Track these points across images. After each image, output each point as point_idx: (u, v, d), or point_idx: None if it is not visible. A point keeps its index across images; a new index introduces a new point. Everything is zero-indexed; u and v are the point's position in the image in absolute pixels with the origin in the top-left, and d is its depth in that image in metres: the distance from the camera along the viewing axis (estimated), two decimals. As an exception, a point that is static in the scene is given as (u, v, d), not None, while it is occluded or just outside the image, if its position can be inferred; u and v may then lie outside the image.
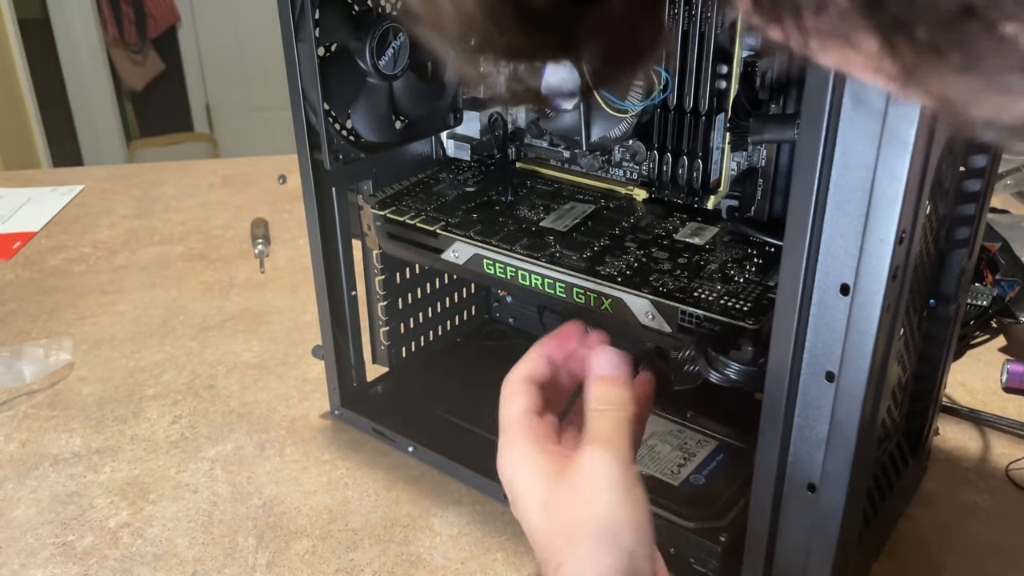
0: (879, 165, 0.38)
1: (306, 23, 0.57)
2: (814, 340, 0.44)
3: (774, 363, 0.45)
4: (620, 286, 0.55)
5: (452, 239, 0.63)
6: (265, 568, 0.62)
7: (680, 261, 0.57)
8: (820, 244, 0.42)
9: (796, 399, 0.46)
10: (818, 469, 0.46)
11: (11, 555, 0.64)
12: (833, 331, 0.43)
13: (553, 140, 0.70)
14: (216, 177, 1.38)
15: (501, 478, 0.44)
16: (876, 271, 0.40)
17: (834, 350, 0.43)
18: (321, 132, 0.61)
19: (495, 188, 0.70)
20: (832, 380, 0.44)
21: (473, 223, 0.64)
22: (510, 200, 0.67)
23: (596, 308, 0.56)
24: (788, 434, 0.47)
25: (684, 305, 0.52)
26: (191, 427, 0.78)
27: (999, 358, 0.82)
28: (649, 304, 0.54)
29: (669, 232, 0.61)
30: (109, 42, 2.95)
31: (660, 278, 0.55)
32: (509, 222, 0.64)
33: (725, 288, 0.54)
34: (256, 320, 0.96)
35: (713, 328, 0.51)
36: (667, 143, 0.62)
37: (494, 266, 0.61)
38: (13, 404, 0.82)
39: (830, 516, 0.47)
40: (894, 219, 0.39)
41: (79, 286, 1.04)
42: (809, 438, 0.46)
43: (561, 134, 0.67)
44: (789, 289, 0.43)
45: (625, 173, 0.68)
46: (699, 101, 0.59)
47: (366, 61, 0.60)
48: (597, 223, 0.63)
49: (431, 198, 0.69)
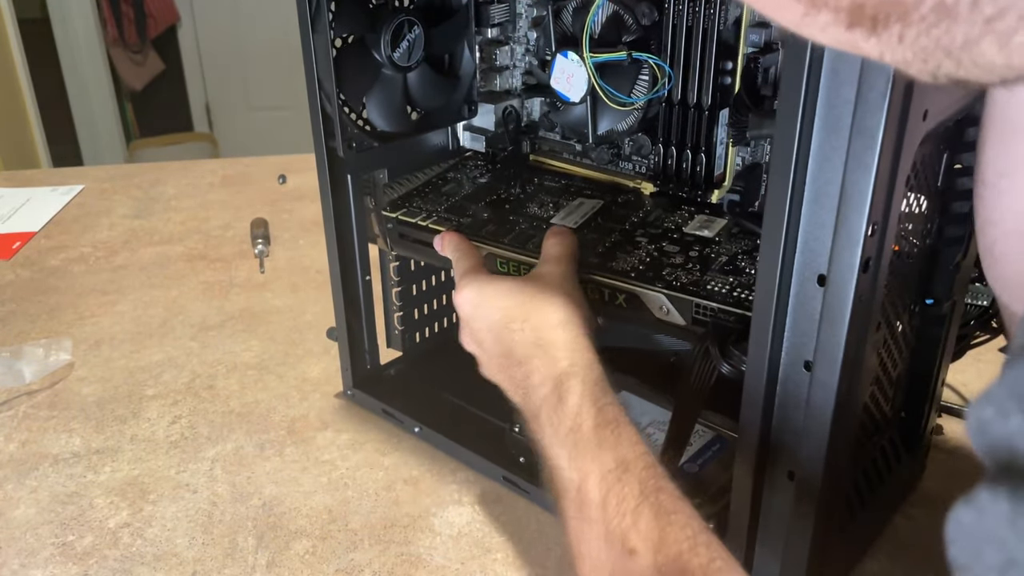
0: (850, 157, 0.39)
1: (322, 15, 0.59)
2: (793, 330, 0.45)
3: (754, 353, 0.46)
4: (634, 281, 0.56)
5: None
6: (265, 568, 0.62)
7: (691, 254, 0.58)
8: (798, 236, 0.42)
9: (776, 388, 0.47)
10: (797, 456, 0.47)
11: (11, 555, 0.64)
12: (811, 321, 0.44)
13: (565, 133, 0.71)
14: (216, 177, 1.38)
15: (466, 307, 0.55)
16: (848, 262, 0.41)
17: (811, 340, 0.44)
18: (335, 120, 0.62)
19: (505, 183, 0.70)
20: (809, 369, 0.45)
21: (484, 223, 0.65)
22: (520, 197, 0.68)
23: (610, 303, 0.57)
24: (768, 422, 0.48)
25: (698, 298, 0.53)
26: (191, 427, 0.78)
27: (999, 358, 0.82)
28: (664, 298, 0.55)
29: (679, 225, 0.62)
30: (109, 42, 2.95)
31: (673, 272, 0.56)
32: (520, 221, 0.64)
33: (737, 280, 0.54)
34: (256, 320, 0.96)
35: (728, 320, 0.52)
36: (671, 137, 0.63)
37: (507, 265, 0.62)
38: (13, 404, 0.82)
39: (808, 502, 0.48)
40: (864, 211, 0.40)
41: (79, 286, 1.04)
42: (788, 426, 0.47)
43: (570, 127, 0.68)
44: (767, 280, 0.44)
45: (634, 166, 0.68)
46: (703, 96, 0.60)
47: (381, 53, 0.62)
48: (607, 219, 0.64)
49: (441, 198, 0.70)
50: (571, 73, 0.62)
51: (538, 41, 0.69)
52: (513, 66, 0.72)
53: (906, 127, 0.40)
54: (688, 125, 0.61)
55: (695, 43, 0.59)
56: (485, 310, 0.54)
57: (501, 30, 0.70)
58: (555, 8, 0.64)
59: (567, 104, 0.64)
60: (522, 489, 0.67)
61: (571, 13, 0.64)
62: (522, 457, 0.66)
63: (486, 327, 0.54)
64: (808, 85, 0.39)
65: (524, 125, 0.73)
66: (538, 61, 0.69)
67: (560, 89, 0.63)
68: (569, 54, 0.61)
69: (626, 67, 0.61)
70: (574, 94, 0.62)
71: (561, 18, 0.64)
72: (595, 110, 0.63)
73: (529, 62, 0.71)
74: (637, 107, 0.62)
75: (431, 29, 0.64)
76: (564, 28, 0.64)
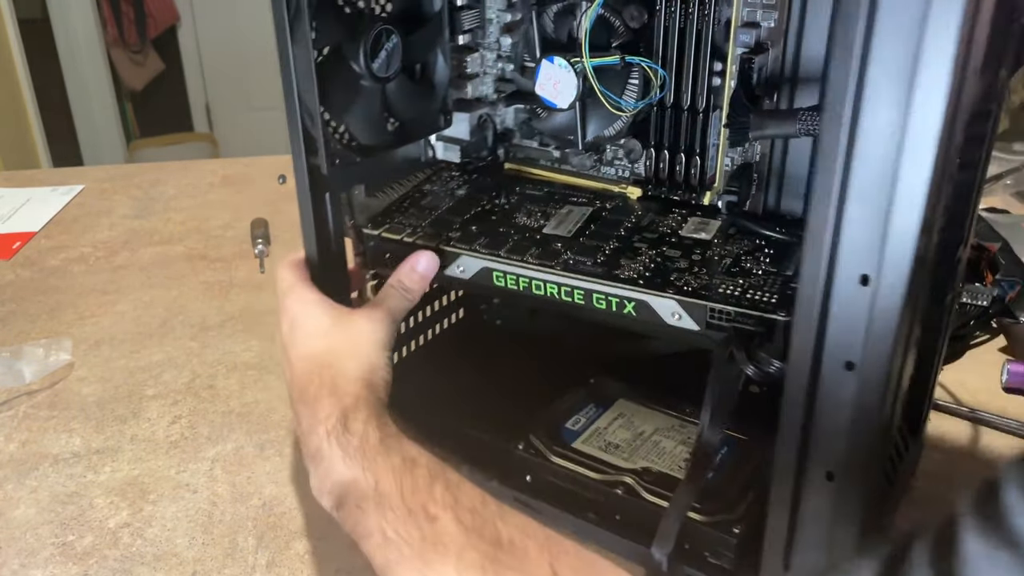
0: (903, 156, 0.39)
1: (302, 25, 0.56)
2: (834, 331, 0.44)
3: (797, 354, 0.45)
4: (644, 288, 0.54)
5: (457, 254, 0.61)
6: (265, 568, 0.62)
7: (694, 258, 0.57)
8: (840, 236, 0.42)
9: (817, 390, 0.46)
10: (838, 458, 0.47)
11: (11, 555, 0.64)
12: (854, 321, 0.43)
13: (543, 140, 0.70)
14: (216, 177, 1.38)
15: (286, 314, 0.58)
16: (898, 261, 0.40)
17: (855, 340, 0.43)
18: (319, 137, 0.60)
19: (486, 194, 0.68)
20: (851, 369, 0.44)
21: (475, 235, 0.62)
22: (505, 207, 0.66)
23: (618, 312, 0.56)
24: (810, 424, 0.47)
25: (713, 302, 0.52)
26: (191, 427, 0.78)
27: (999, 358, 0.82)
28: (675, 304, 0.53)
29: (674, 229, 0.61)
30: (109, 42, 2.95)
31: (680, 276, 0.55)
32: (512, 232, 0.62)
33: (747, 281, 0.54)
34: (256, 320, 0.96)
35: (747, 323, 0.51)
36: (664, 140, 0.62)
37: (504, 278, 0.60)
38: (13, 404, 0.82)
39: (847, 503, 0.47)
40: (919, 209, 0.39)
41: (79, 286, 1.04)
42: (828, 427, 0.46)
43: (554, 134, 0.67)
44: (810, 281, 0.43)
45: (617, 171, 0.67)
46: (696, 98, 0.60)
47: (360, 64, 0.59)
48: (600, 225, 0.62)
49: (423, 213, 0.67)
50: (558, 79, 0.60)
51: (515, 47, 0.68)
52: (484, 73, 0.70)
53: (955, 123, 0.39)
54: (681, 128, 0.61)
55: (688, 45, 0.58)
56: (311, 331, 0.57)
57: (472, 36, 0.69)
58: (537, 12, 0.63)
59: (552, 111, 0.63)
60: (533, 509, 0.64)
61: (552, 18, 0.63)
62: (529, 475, 0.65)
63: (306, 331, 0.57)
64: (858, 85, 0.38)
65: (499, 132, 0.72)
66: (516, 67, 0.68)
67: (546, 96, 0.61)
68: (556, 59, 0.60)
69: (617, 71, 0.60)
70: (562, 100, 0.61)
71: (542, 23, 0.63)
72: (584, 115, 0.62)
73: (502, 68, 0.69)
74: (629, 112, 0.61)
75: (407, 37, 0.62)
76: (546, 33, 0.63)
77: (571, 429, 0.66)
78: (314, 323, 0.57)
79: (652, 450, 0.64)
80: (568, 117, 0.63)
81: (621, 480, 0.60)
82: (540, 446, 0.64)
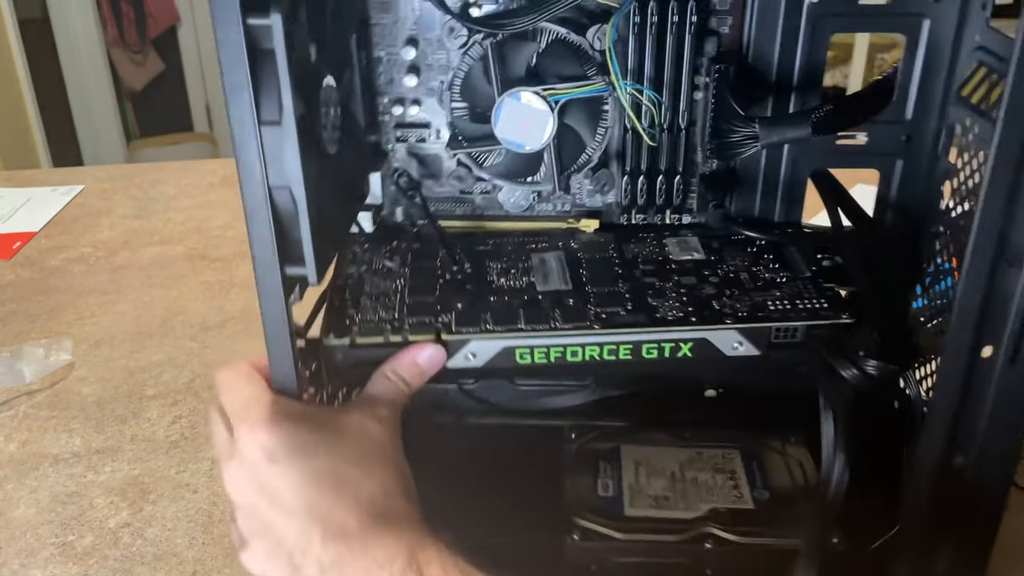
0: None
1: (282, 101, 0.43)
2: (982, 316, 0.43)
3: (953, 345, 0.44)
4: (699, 326, 0.50)
5: (464, 340, 0.50)
6: (265, 568, 0.62)
7: (712, 280, 0.54)
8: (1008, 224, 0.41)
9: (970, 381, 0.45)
10: (979, 446, 0.46)
11: (11, 555, 0.64)
12: (1007, 304, 0.42)
13: (463, 188, 0.60)
14: (216, 177, 1.38)
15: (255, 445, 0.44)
16: None
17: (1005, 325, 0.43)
18: (306, 240, 0.48)
19: (431, 263, 0.57)
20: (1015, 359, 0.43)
21: (471, 313, 0.52)
22: (468, 272, 0.56)
23: (671, 357, 0.50)
24: (957, 419, 0.46)
25: (772, 323, 0.49)
26: (191, 427, 0.78)
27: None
28: (736, 333, 0.50)
29: (666, 256, 0.57)
30: (109, 42, 2.95)
31: (720, 302, 0.51)
32: (507, 299, 0.53)
33: (784, 292, 0.52)
34: (256, 320, 0.95)
35: (823, 331, 0.49)
36: (640, 165, 0.58)
37: (531, 354, 0.50)
38: (13, 404, 0.82)
39: (990, 493, 0.47)
40: None
41: (79, 286, 1.04)
42: (975, 417, 0.46)
43: (510, 177, 0.59)
44: (977, 268, 0.42)
45: (555, 206, 0.61)
46: (677, 117, 0.57)
47: (318, 133, 0.47)
48: (590, 269, 0.56)
49: (383, 302, 0.53)
50: (526, 116, 0.54)
51: (449, 87, 0.57)
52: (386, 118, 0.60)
53: None
54: (664, 147, 0.58)
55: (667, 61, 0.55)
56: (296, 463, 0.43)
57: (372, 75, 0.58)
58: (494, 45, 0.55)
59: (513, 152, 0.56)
60: None
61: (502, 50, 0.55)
62: (594, 565, 0.54)
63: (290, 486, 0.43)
64: None
65: (405, 186, 0.60)
66: (445, 111, 0.58)
67: (510, 138, 0.54)
68: (522, 95, 0.53)
69: (587, 101, 0.55)
70: (533, 141, 0.54)
71: (493, 57, 0.55)
72: (560, 154, 0.56)
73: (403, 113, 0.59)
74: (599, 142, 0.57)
75: (339, 85, 0.49)
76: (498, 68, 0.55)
77: (609, 497, 0.57)
78: (311, 437, 0.44)
79: (698, 490, 0.57)
80: (527, 158, 0.57)
81: (703, 532, 0.54)
82: (599, 528, 0.54)
